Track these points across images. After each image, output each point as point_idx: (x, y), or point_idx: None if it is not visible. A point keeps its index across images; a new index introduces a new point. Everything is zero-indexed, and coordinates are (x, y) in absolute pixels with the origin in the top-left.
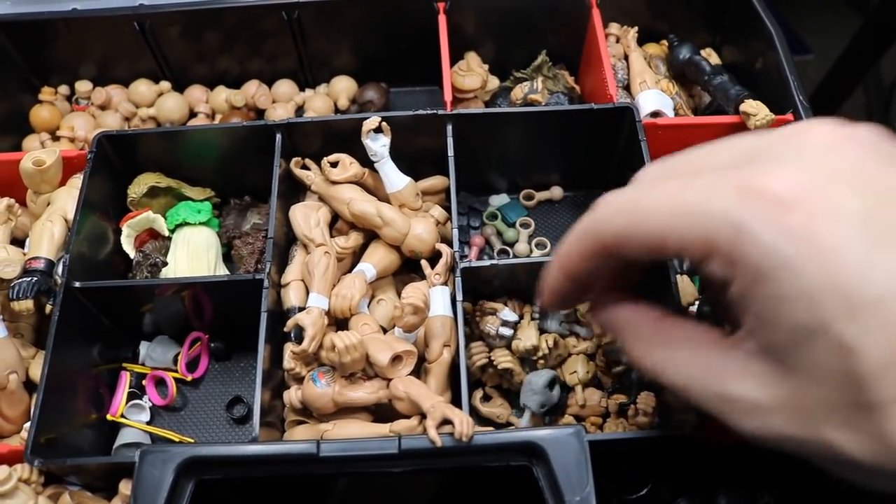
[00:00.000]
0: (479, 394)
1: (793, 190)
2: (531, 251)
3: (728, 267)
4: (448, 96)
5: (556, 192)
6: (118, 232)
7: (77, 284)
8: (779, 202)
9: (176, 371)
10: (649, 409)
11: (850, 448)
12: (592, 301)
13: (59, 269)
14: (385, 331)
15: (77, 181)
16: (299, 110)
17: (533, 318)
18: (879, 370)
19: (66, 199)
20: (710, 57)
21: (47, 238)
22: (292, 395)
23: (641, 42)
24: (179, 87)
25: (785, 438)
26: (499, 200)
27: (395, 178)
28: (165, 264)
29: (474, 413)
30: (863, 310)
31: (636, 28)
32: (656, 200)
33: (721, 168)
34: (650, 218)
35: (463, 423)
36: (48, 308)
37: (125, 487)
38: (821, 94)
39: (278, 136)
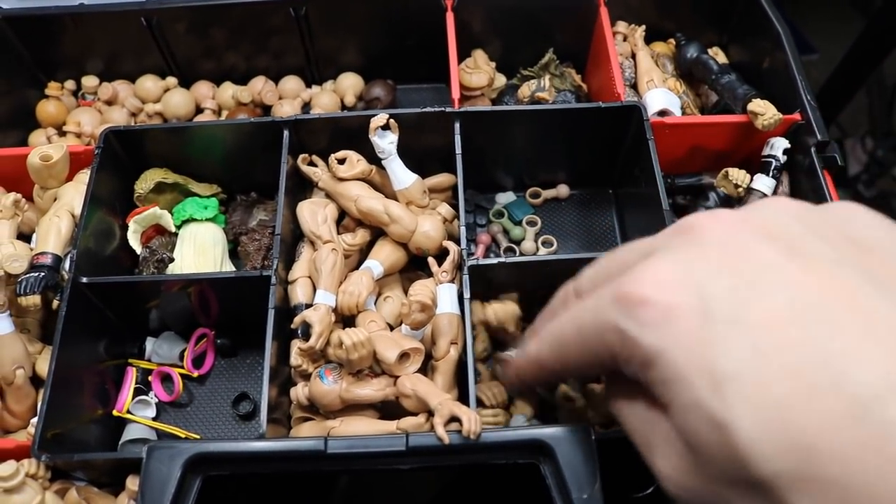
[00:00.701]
0: None
1: (653, 286)
2: (537, 249)
3: (629, 365)
4: (455, 93)
5: (563, 190)
6: (125, 228)
7: (84, 280)
8: (640, 301)
9: (182, 367)
10: None
11: None
12: None
13: (66, 264)
14: (392, 328)
15: (84, 176)
16: (306, 107)
17: None
18: (754, 444)
19: (73, 195)
20: (717, 56)
21: (54, 233)
22: (299, 391)
23: (649, 41)
24: (186, 83)
25: (699, 500)
26: (505, 198)
27: (402, 176)
28: (172, 260)
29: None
30: (725, 385)
31: (643, 27)
32: (567, 330)
33: (609, 279)
34: (569, 348)
35: (471, 421)
36: (55, 303)
37: (132, 483)
38: (824, 96)
39: (286, 133)
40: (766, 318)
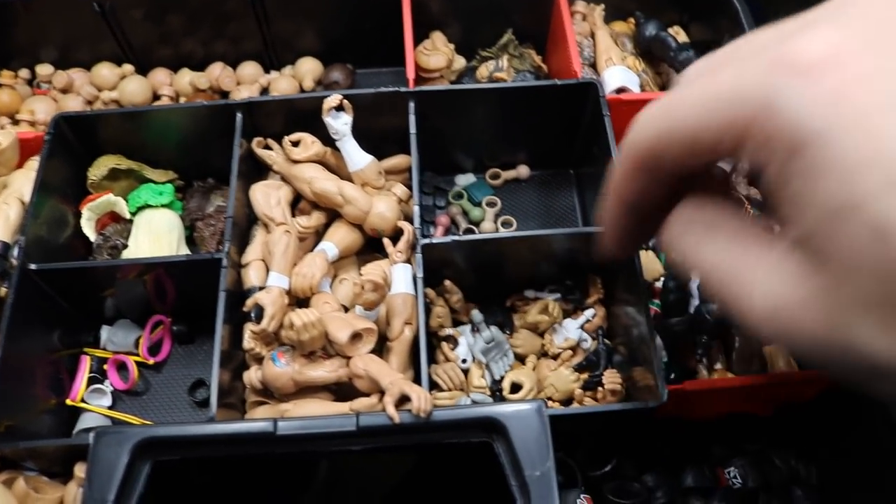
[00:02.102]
0: None
1: (827, 53)
2: (497, 230)
3: (763, 149)
4: (411, 74)
5: (523, 170)
6: (78, 215)
7: (33, 266)
8: (811, 68)
9: (138, 355)
10: (616, 388)
11: (881, 352)
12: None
13: (15, 251)
14: (347, 310)
15: (34, 163)
16: (264, 92)
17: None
18: None
19: (23, 182)
20: (679, 34)
21: (2, 220)
22: (252, 375)
23: (608, 20)
24: (143, 71)
25: (805, 340)
26: (465, 180)
27: (356, 157)
28: (126, 246)
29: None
30: None
31: (602, 6)
32: (689, 97)
33: (760, 49)
34: (682, 115)
35: (421, 399)
36: (3, 291)
37: (80, 470)
38: None
39: (239, 116)
40: None
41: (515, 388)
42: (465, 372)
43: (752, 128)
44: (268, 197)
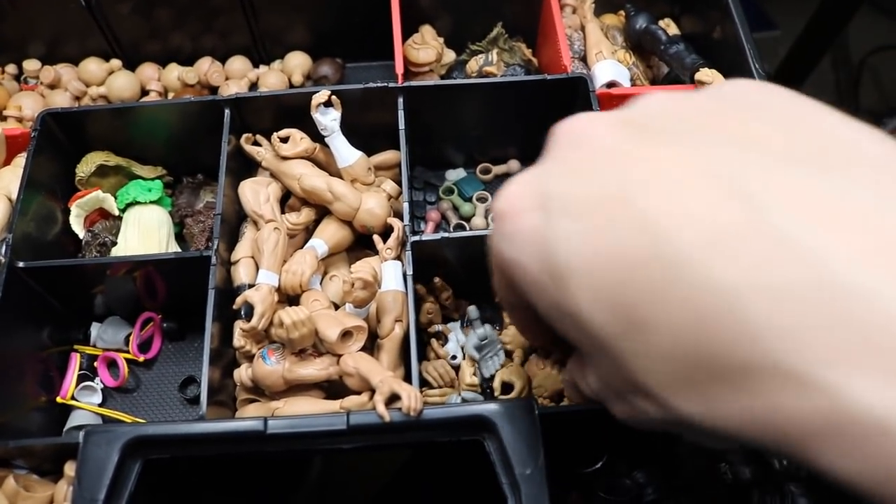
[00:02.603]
0: None
1: (505, 201)
2: (488, 225)
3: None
4: (399, 69)
5: (514, 165)
6: (67, 212)
7: (21, 264)
8: (500, 216)
9: (128, 352)
10: None
11: (649, 410)
12: None
13: (2, 249)
14: (337, 307)
15: (21, 160)
16: (253, 87)
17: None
18: (601, 325)
19: (10, 179)
20: (669, 28)
21: None
22: (242, 373)
23: (599, 13)
24: (131, 66)
25: (628, 417)
26: (455, 175)
27: (346, 153)
28: (115, 243)
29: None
30: (565, 277)
31: None
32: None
33: None
34: (493, 273)
35: (411, 398)
36: None
37: (70, 469)
38: (786, 69)
39: (227, 112)
40: (593, 201)
41: (506, 387)
42: (456, 369)
43: (503, 272)
44: (257, 194)
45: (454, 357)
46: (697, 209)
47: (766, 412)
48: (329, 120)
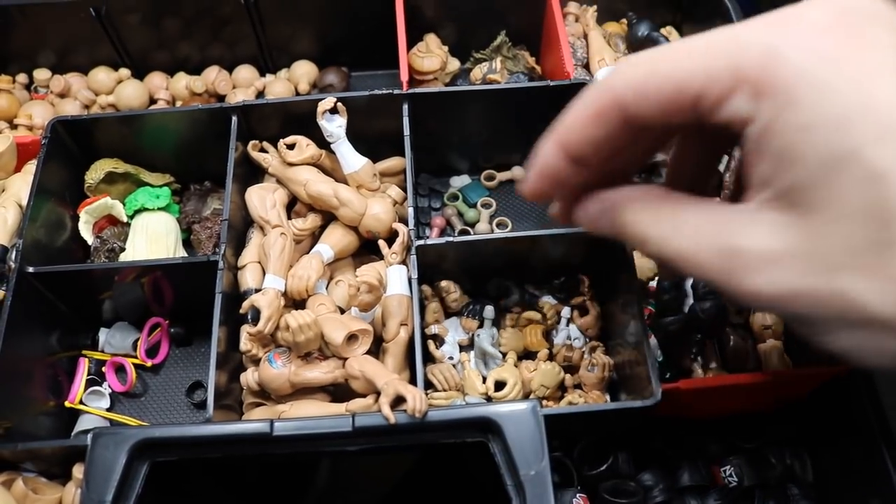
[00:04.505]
0: None
1: (828, 17)
2: (492, 231)
3: (754, 99)
4: (404, 76)
5: (518, 171)
6: (76, 218)
7: (31, 269)
8: (813, 26)
9: (136, 357)
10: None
11: (868, 298)
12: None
13: (13, 254)
14: (343, 312)
15: (32, 167)
16: (260, 96)
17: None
18: None
19: (21, 185)
20: (671, 35)
21: (0, 224)
22: (249, 376)
23: (601, 21)
24: (139, 75)
25: (793, 294)
26: (460, 181)
27: (351, 159)
28: (123, 249)
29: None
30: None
31: (595, 7)
32: (675, 49)
33: (751, 21)
34: (669, 64)
35: (416, 399)
36: (1, 294)
37: (78, 471)
38: None
39: (234, 119)
40: None
41: (499, 386)
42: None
43: (747, 75)
44: (263, 200)
45: (451, 358)
46: None
47: None
48: (335, 127)
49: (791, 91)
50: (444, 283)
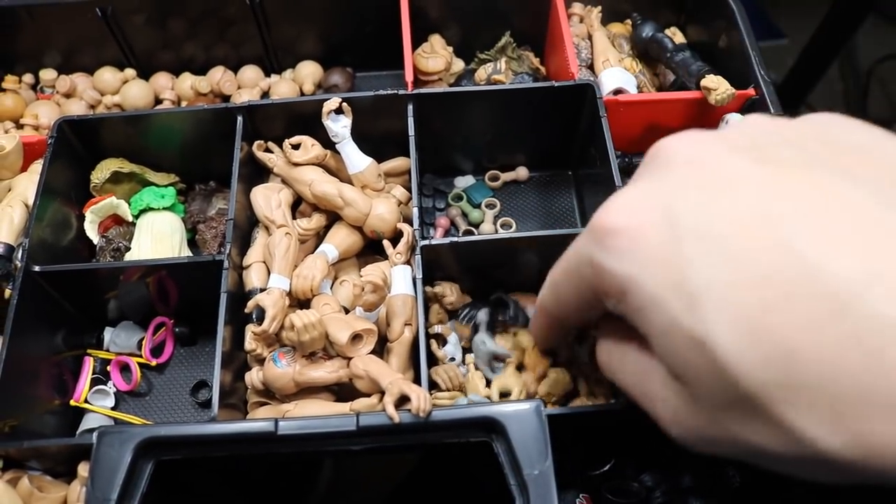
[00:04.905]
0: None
1: (618, 215)
2: (496, 231)
3: (606, 299)
4: (409, 77)
5: (522, 172)
6: (82, 218)
7: (37, 268)
8: (608, 230)
9: (140, 356)
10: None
11: (758, 441)
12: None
13: (19, 253)
14: (347, 311)
15: (38, 167)
16: (265, 96)
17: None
18: (736, 354)
19: (27, 185)
20: (675, 36)
21: (6, 223)
22: (254, 376)
23: (605, 21)
24: (145, 75)
25: (704, 440)
26: (464, 182)
27: (356, 160)
28: (128, 249)
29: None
30: (700, 298)
31: (599, 7)
32: (558, 269)
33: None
34: (561, 289)
35: (420, 399)
36: (7, 292)
37: (83, 469)
38: (794, 78)
39: (239, 119)
40: (735, 227)
41: (503, 395)
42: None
43: (596, 286)
44: (268, 199)
45: (452, 359)
46: (861, 248)
47: None
48: (340, 127)
49: (618, 290)
50: (437, 288)
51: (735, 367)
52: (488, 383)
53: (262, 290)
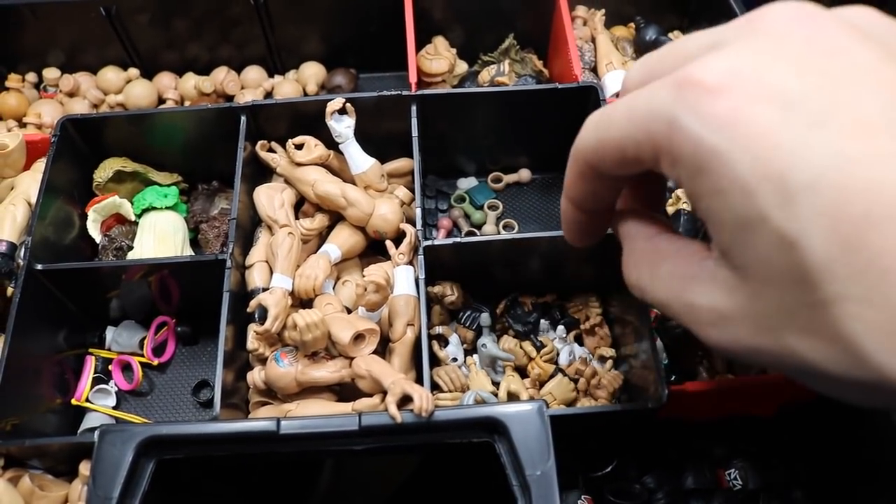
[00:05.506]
0: None
1: (722, 76)
2: (499, 233)
3: (673, 167)
4: (413, 78)
5: (524, 174)
6: (84, 217)
7: (39, 267)
8: (707, 91)
9: (142, 355)
10: (613, 388)
11: (814, 357)
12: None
13: (21, 251)
14: (350, 311)
15: (41, 165)
16: (268, 96)
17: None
18: (825, 262)
19: (30, 183)
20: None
21: (9, 221)
22: (256, 375)
23: (609, 25)
24: (148, 75)
25: (751, 350)
26: (467, 183)
27: (359, 160)
28: (131, 248)
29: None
30: (799, 196)
31: (603, 10)
32: (616, 111)
33: (680, 62)
34: (610, 129)
35: (423, 399)
36: (9, 291)
37: (85, 468)
38: None
39: (243, 119)
40: (855, 125)
41: (511, 398)
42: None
43: (661, 146)
44: (271, 199)
45: (454, 360)
46: None
47: None
48: (343, 127)
49: (694, 161)
50: (437, 288)
51: (820, 274)
52: (496, 386)
53: (264, 290)
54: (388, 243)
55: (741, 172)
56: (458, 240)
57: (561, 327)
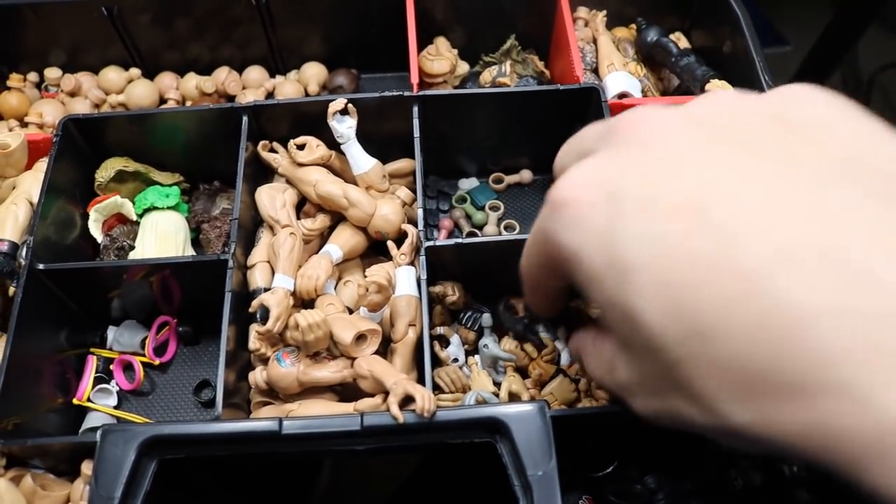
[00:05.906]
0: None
1: (575, 187)
2: (500, 233)
3: (565, 273)
4: (415, 79)
5: (526, 175)
6: (86, 216)
7: (41, 266)
8: (564, 203)
9: (143, 355)
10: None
11: (689, 413)
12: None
13: (23, 251)
14: (351, 312)
15: (43, 165)
16: (270, 96)
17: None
18: (661, 330)
19: (32, 183)
20: (680, 41)
21: (11, 220)
22: (257, 375)
23: (610, 26)
24: (150, 75)
25: (657, 413)
26: (468, 184)
27: (361, 160)
28: (132, 248)
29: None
30: (632, 275)
31: (604, 11)
32: (529, 237)
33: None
34: (529, 257)
35: (424, 399)
36: (11, 290)
37: (87, 468)
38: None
39: (245, 119)
40: (669, 207)
41: (512, 398)
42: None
43: (554, 258)
44: (273, 199)
45: (455, 360)
46: (780, 229)
47: (822, 426)
48: (345, 128)
49: (567, 262)
50: (438, 289)
51: (659, 341)
52: (497, 386)
53: (266, 290)
54: (390, 244)
55: (593, 263)
56: (459, 240)
57: (562, 328)
